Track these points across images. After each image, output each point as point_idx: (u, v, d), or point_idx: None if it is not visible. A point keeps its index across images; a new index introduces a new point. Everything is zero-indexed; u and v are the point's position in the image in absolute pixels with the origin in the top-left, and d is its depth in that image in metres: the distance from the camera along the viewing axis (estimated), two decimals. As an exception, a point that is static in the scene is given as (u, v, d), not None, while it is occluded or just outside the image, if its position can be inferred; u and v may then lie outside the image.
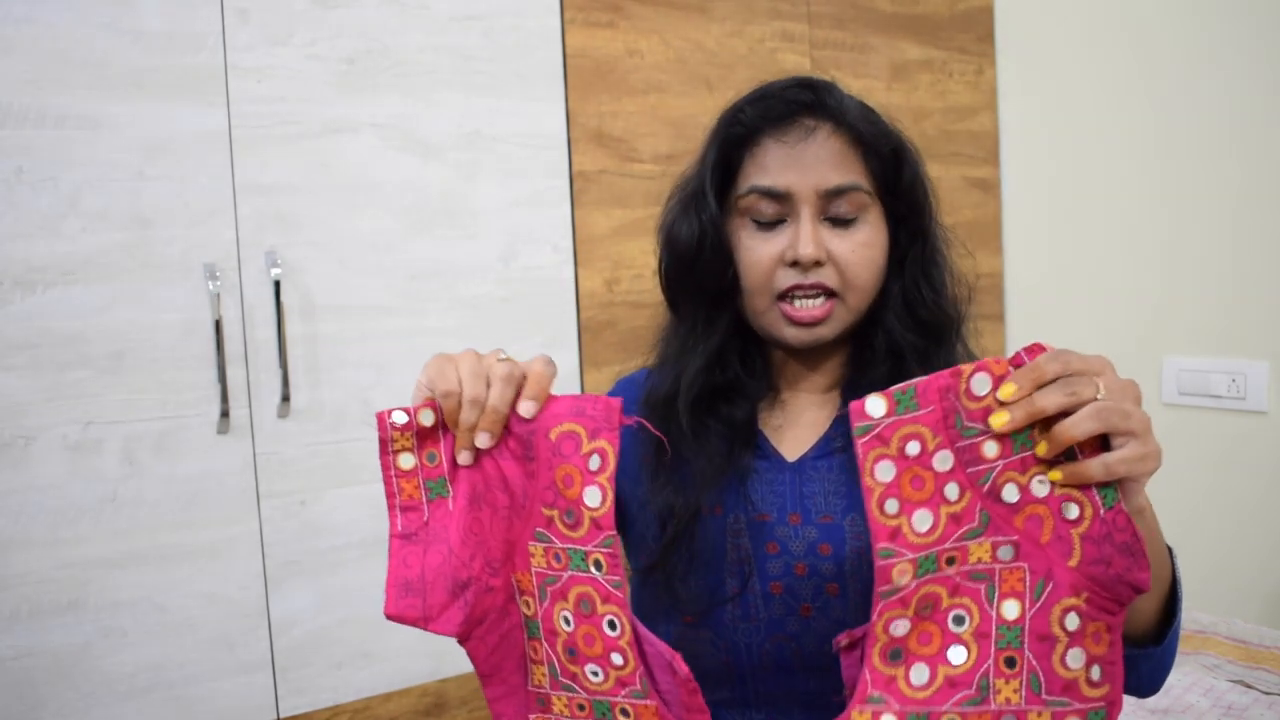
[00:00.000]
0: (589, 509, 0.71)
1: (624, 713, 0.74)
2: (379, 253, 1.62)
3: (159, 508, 1.47)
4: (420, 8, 1.65)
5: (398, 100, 1.64)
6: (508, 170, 1.74)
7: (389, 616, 0.71)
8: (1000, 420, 0.64)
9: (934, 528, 0.66)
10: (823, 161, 0.82)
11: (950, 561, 0.66)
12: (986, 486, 0.66)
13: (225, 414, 1.50)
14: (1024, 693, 0.65)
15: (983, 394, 0.64)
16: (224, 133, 1.50)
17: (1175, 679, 1.54)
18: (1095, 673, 0.65)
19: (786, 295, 0.83)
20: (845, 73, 2.10)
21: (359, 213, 1.61)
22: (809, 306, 0.83)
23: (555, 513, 0.72)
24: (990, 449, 0.65)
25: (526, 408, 0.70)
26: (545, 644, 0.75)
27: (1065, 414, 0.63)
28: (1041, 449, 0.64)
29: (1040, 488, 0.65)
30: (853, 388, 0.87)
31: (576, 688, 0.74)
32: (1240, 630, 1.68)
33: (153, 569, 1.47)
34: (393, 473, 0.72)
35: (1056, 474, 0.64)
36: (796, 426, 0.90)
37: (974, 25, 2.30)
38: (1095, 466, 0.62)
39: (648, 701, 0.73)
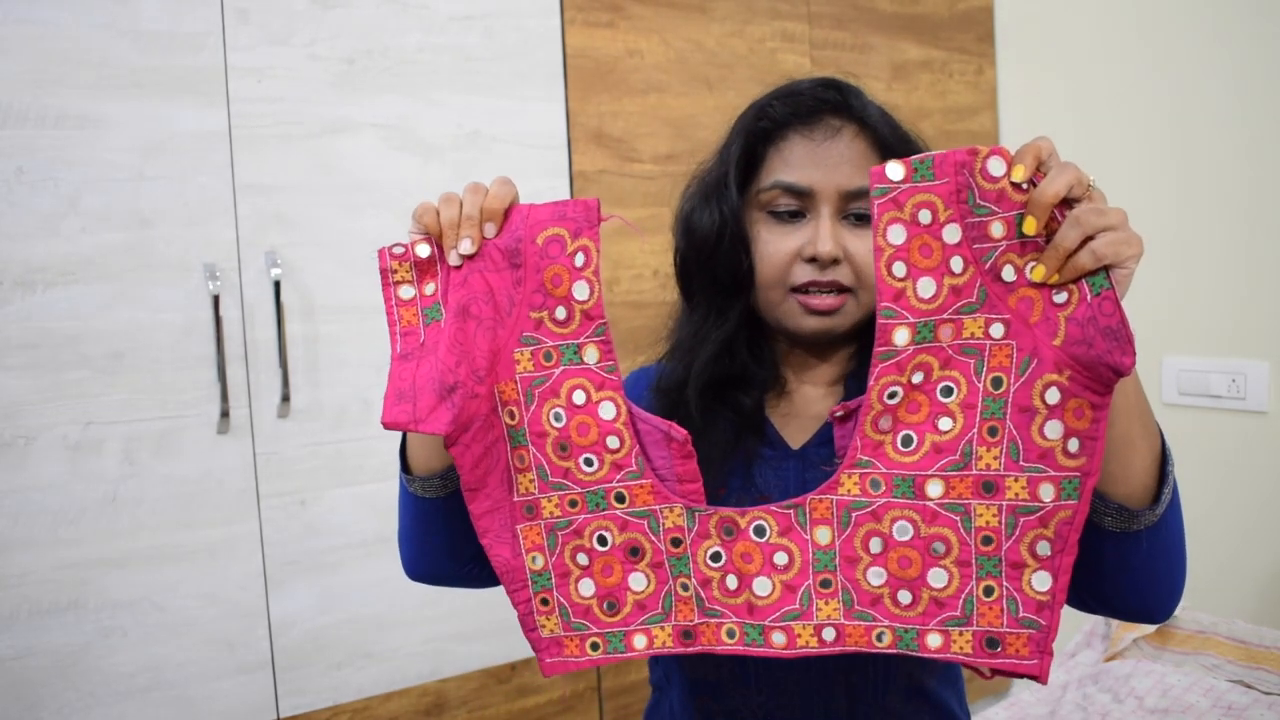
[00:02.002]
0: (579, 302, 0.76)
1: (619, 498, 0.78)
2: (379, 253, 1.62)
3: (159, 508, 1.47)
4: (420, 8, 1.65)
5: (398, 100, 1.64)
6: (508, 170, 1.72)
7: (385, 425, 0.75)
8: (1029, 226, 0.66)
9: (936, 296, 0.70)
10: (846, 162, 0.84)
11: (946, 333, 0.71)
12: (988, 264, 0.69)
13: (225, 414, 1.50)
14: (1003, 459, 0.70)
15: (998, 175, 0.67)
16: (224, 133, 1.50)
17: (1175, 679, 1.54)
18: (1073, 445, 0.68)
19: (801, 288, 0.85)
20: (845, 73, 2.10)
21: (359, 213, 1.61)
22: (824, 297, 0.84)
23: (544, 314, 0.77)
24: (997, 229, 0.68)
25: (488, 229, 0.76)
26: (532, 448, 0.79)
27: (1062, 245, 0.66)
28: (1030, 226, 0.66)
29: (1035, 273, 0.68)
30: (858, 381, 0.88)
31: (569, 483, 0.79)
32: (1240, 630, 1.68)
33: (153, 569, 1.47)
34: (393, 303, 0.78)
35: (1054, 277, 0.67)
36: (802, 416, 0.91)
37: (974, 25, 2.30)
38: (1084, 255, 0.65)
39: (643, 480, 0.78)
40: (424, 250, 0.77)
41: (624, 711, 1.89)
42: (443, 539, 0.86)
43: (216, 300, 1.48)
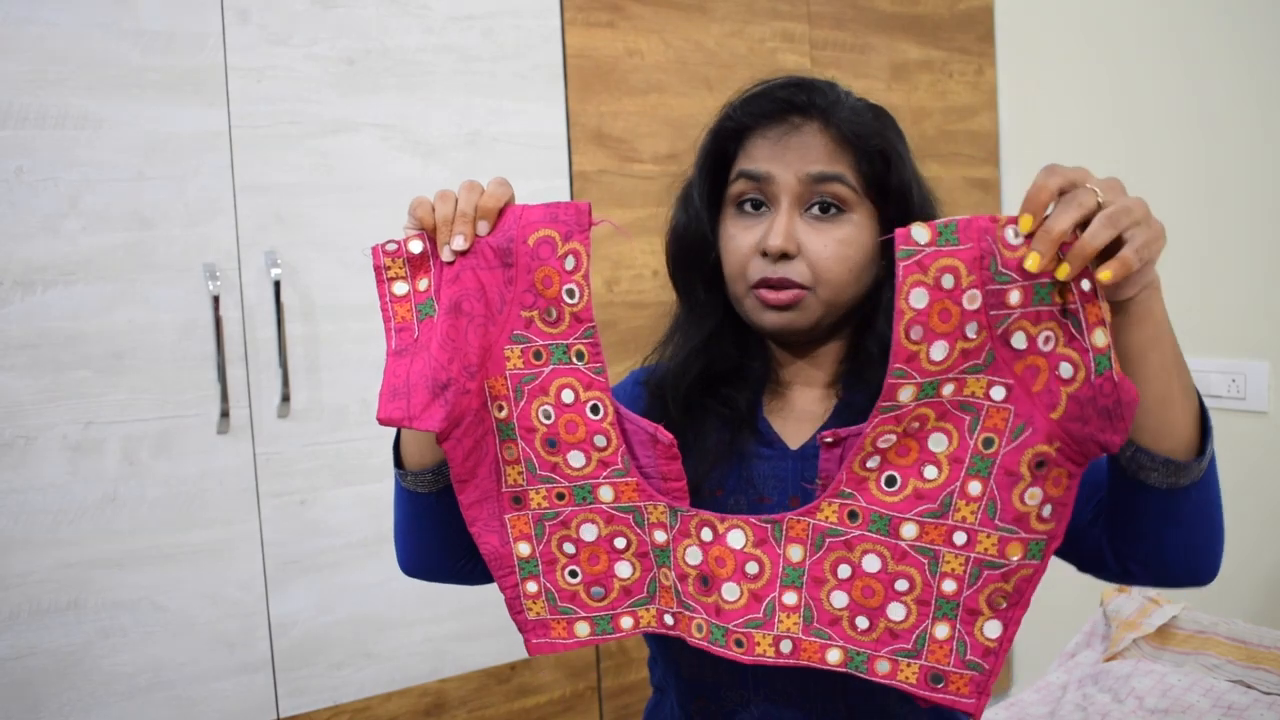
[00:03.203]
0: (568, 305, 0.77)
1: (605, 493, 0.80)
2: (379, 253, 1.62)
3: (159, 508, 1.47)
4: (420, 8, 1.65)
5: (398, 100, 1.64)
6: (508, 170, 1.72)
7: (380, 421, 0.76)
8: (1031, 262, 0.65)
9: (947, 359, 0.71)
10: (806, 152, 0.84)
11: (948, 389, 0.72)
12: (1000, 330, 0.70)
13: (225, 414, 1.50)
14: (980, 515, 0.72)
15: (1016, 243, 0.67)
16: (224, 133, 1.50)
17: (1175, 679, 1.54)
18: (1046, 511, 0.71)
19: (759, 284, 0.85)
20: (845, 73, 2.10)
21: (359, 213, 1.61)
22: (778, 291, 0.84)
23: (535, 313, 0.78)
24: (1014, 297, 0.68)
25: (482, 227, 0.77)
26: (521, 443, 0.80)
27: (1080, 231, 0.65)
28: (1063, 272, 0.65)
29: (1046, 344, 0.68)
30: (851, 384, 0.88)
31: (556, 477, 0.80)
32: (1240, 630, 1.68)
33: (153, 569, 1.47)
34: (388, 299, 0.78)
35: (1106, 273, 0.64)
36: (799, 417, 0.91)
37: (974, 25, 2.30)
38: (1129, 255, 0.64)
39: (629, 478, 0.80)
40: (416, 246, 0.78)
41: (624, 711, 1.89)
42: (436, 534, 0.87)
43: (216, 300, 1.48)
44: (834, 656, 0.77)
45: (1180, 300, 1.97)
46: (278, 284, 1.53)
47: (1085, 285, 0.66)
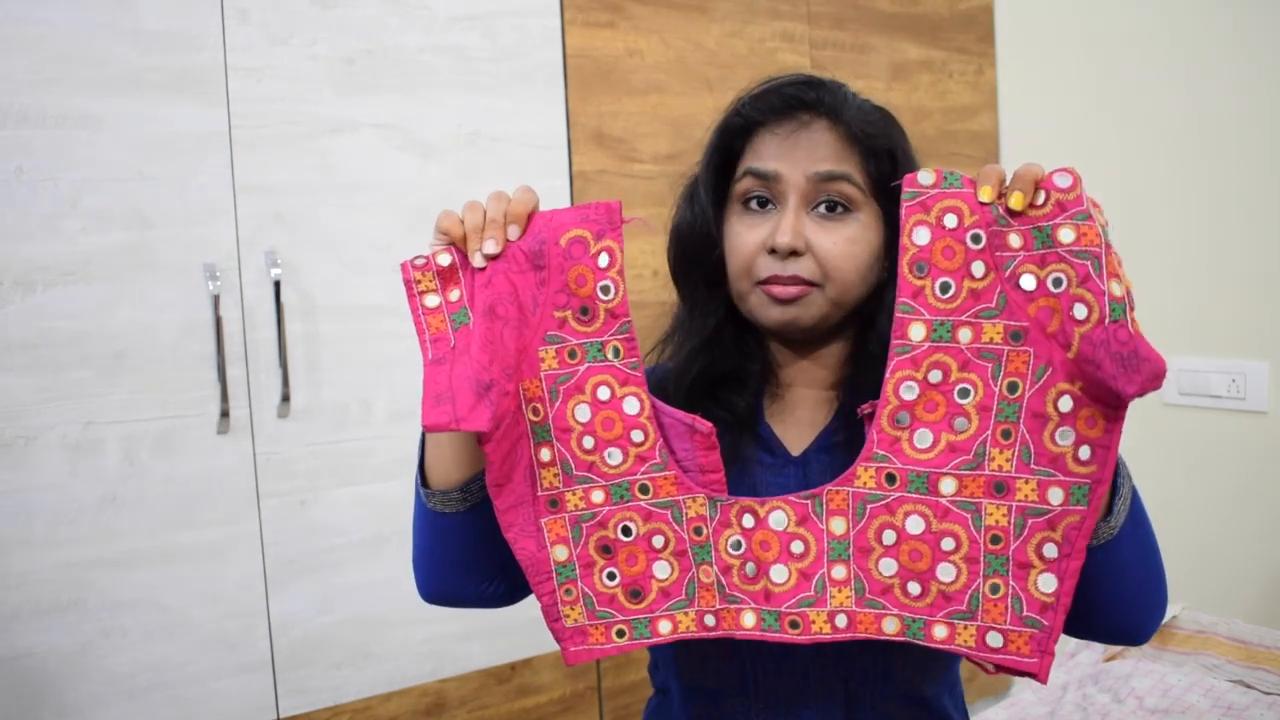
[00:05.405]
0: (603, 301, 0.79)
1: (643, 489, 0.80)
2: (379, 253, 1.62)
3: (159, 508, 1.47)
4: (420, 8, 1.65)
5: (398, 100, 1.64)
6: (508, 170, 1.74)
7: (426, 428, 0.76)
8: (1015, 200, 0.71)
9: (954, 296, 0.73)
10: (814, 150, 0.84)
11: (965, 335, 0.73)
12: (1008, 272, 0.72)
13: (225, 414, 1.50)
14: (1015, 462, 0.73)
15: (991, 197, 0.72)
16: (224, 133, 1.50)
17: (1175, 679, 1.54)
18: (1084, 452, 0.71)
19: (766, 281, 0.85)
20: (845, 73, 2.10)
21: (359, 213, 1.61)
22: (786, 285, 0.84)
23: (568, 313, 0.79)
24: (1015, 240, 0.71)
25: (512, 231, 0.78)
26: (557, 444, 0.81)
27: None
28: (1016, 200, 0.70)
29: (1057, 286, 0.70)
30: (853, 387, 0.88)
31: (594, 476, 0.81)
32: (1240, 630, 1.68)
33: (153, 569, 1.47)
34: (420, 312, 0.79)
35: (1018, 196, 0.70)
36: (799, 421, 0.91)
37: (974, 25, 2.31)
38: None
39: (667, 472, 0.80)
40: (445, 259, 0.79)
41: (624, 711, 1.89)
42: (461, 556, 0.86)
43: (216, 300, 1.48)
44: (890, 626, 0.77)
45: (1180, 300, 1.99)
46: (278, 284, 1.53)
47: (1108, 235, 0.69)
